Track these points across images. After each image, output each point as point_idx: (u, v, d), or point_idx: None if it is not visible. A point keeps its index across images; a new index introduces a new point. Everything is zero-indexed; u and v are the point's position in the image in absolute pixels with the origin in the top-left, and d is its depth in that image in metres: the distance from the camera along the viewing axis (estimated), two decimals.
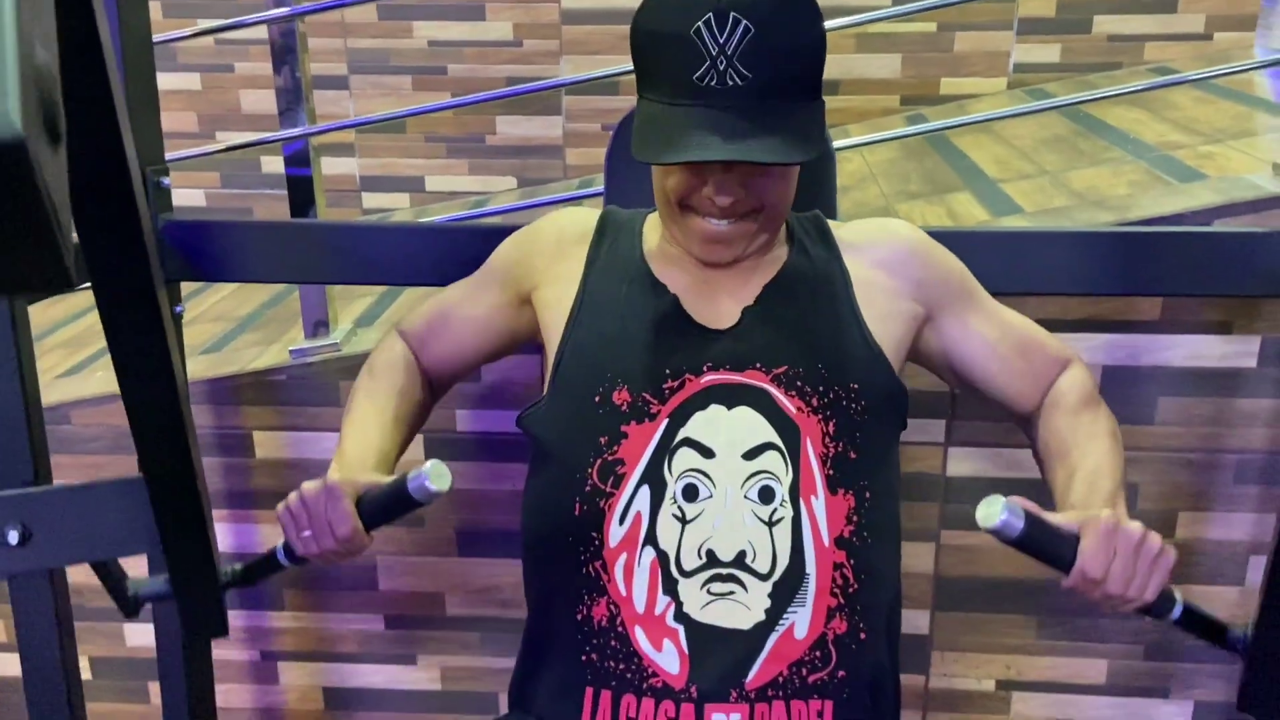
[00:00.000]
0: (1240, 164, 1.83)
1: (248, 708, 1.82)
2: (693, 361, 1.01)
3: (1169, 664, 1.67)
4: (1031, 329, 1.16)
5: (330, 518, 1.01)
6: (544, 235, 1.17)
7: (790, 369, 1.01)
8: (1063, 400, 1.12)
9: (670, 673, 0.94)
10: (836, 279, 1.08)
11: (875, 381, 1.03)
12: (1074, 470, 1.04)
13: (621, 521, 0.98)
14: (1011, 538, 0.89)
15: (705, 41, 0.93)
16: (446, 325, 1.21)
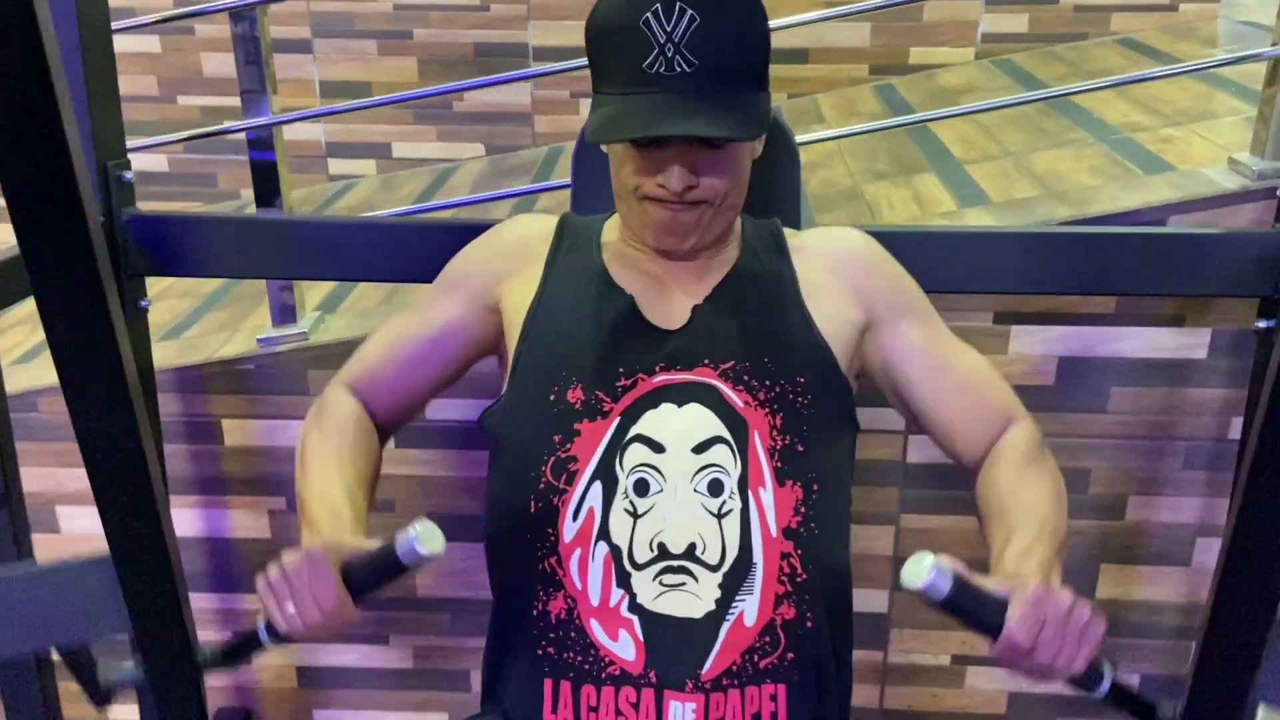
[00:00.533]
0: (1199, 150, 1.85)
1: (223, 686, 1.85)
2: (645, 361, 1.04)
3: (1116, 639, 1.73)
4: (980, 371, 1.13)
5: (314, 590, 0.92)
6: (505, 241, 1.18)
7: (737, 364, 1.04)
8: (1007, 455, 1.09)
9: (627, 660, 0.97)
10: (784, 278, 1.10)
11: (821, 375, 1.06)
12: (1012, 532, 1.00)
13: (575, 517, 1.00)
14: (937, 600, 0.85)
15: (654, 30, 0.98)
16: (395, 362, 1.17)
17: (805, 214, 1.37)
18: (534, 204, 2.33)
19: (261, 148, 1.63)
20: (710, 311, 1.07)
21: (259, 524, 1.73)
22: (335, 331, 1.64)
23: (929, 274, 1.35)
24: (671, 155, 1.01)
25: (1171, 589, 1.69)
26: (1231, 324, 1.52)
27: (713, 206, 1.05)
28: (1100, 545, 1.67)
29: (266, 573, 0.95)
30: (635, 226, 1.09)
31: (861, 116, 2.60)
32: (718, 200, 1.05)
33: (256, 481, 1.70)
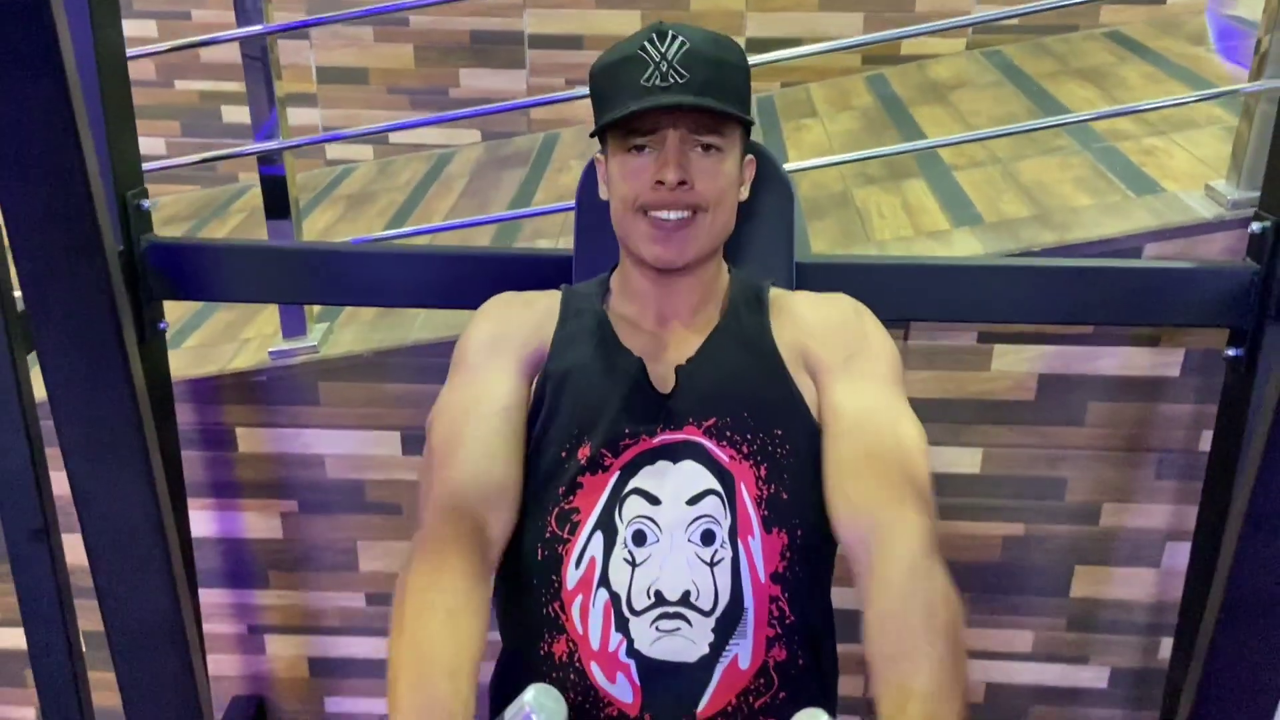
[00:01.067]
0: (1180, 163, 1.91)
1: (237, 675, 1.94)
2: (648, 424, 1.11)
3: (1089, 635, 1.83)
4: (908, 442, 1.08)
5: None
6: (518, 312, 1.22)
7: (718, 420, 1.10)
8: (893, 577, 0.93)
9: (625, 702, 1.04)
10: (763, 337, 1.17)
11: (796, 425, 1.12)
12: (908, 696, 0.85)
13: (578, 565, 1.07)
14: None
15: (649, 53, 1.09)
16: (487, 446, 1.09)
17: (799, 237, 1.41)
18: (519, 232, 2.37)
19: (271, 162, 1.68)
20: (692, 372, 1.13)
21: (271, 525, 1.80)
22: (345, 344, 1.69)
23: (917, 304, 1.43)
24: (666, 155, 1.09)
25: (1142, 589, 1.78)
26: (1204, 345, 1.59)
27: (706, 214, 1.12)
28: (1075, 549, 1.76)
29: None
30: (634, 243, 1.14)
31: (853, 111, 2.64)
32: (710, 204, 1.12)
33: (269, 486, 1.76)
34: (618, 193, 1.15)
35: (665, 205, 1.11)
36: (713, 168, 1.12)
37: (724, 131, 1.14)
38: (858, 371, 1.14)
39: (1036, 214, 1.74)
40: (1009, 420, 1.67)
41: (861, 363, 1.15)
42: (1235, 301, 1.39)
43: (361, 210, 2.56)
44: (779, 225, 1.37)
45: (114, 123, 1.40)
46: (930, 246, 1.69)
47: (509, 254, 1.48)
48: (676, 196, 1.10)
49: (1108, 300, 1.42)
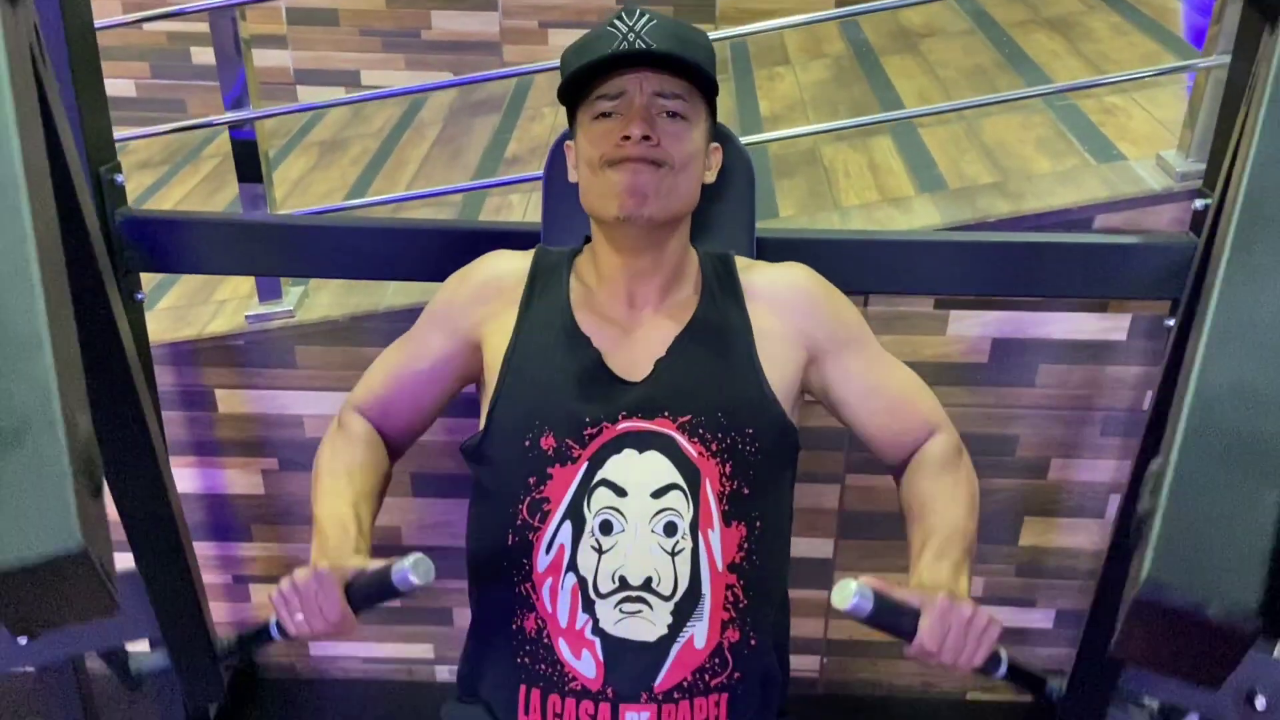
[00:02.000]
0: (1139, 124, 1.95)
1: (223, 622, 2.01)
2: (610, 410, 1.16)
3: (1035, 580, 1.93)
4: (908, 389, 1.27)
5: (321, 604, 1.06)
6: (482, 284, 1.27)
7: (694, 418, 1.16)
8: (925, 463, 1.24)
9: (588, 677, 1.12)
10: (738, 329, 1.22)
11: (768, 426, 1.19)
12: (928, 536, 1.16)
13: (548, 551, 1.14)
14: (860, 618, 1.00)
15: (618, 27, 1.16)
16: (401, 388, 1.30)
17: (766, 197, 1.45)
18: (482, 203, 2.38)
19: (241, 126, 1.69)
20: (670, 364, 1.18)
21: (253, 481, 1.86)
22: (320, 309, 1.73)
23: (875, 276, 1.48)
24: (633, 113, 1.15)
25: (1086, 538, 1.87)
26: (1150, 311, 1.66)
27: (671, 171, 1.16)
28: (1024, 501, 1.84)
29: (280, 586, 1.09)
30: (600, 201, 1.18)
31: (825, 60, 2.65)
32: (675, 163, 1.16)
33: (250, 444, 1.82)
34: (585, 157, 1.19)
35: (631, 159, 1.15)
36: (678, 131, 1.17)
37: (690, 100, 1.18)
38: (848, 346, 1.25)
39: (995, 181, 1.78)
40: (964, 382, 1.73)
41: (845, 335, 1.25)
42: (1177, 275, 1.45)
43: (334, 159, 2.57)
44: (740, 201, 1.41)
45: (85, 98, 1.41)
46: (891, 214, 1.74)
47: (480, 228, 1.51)
48: (643, 150, 1.14)
49: (1056, 273, 1.47)
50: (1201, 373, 0.55)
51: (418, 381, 1.29)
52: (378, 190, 2.31)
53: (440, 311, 1.29)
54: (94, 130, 1.43)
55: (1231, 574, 0.50)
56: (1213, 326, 0.56)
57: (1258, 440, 0.53)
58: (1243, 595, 0.49)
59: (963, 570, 1.12)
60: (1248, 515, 0.51)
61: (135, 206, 1.89)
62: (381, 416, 1.31)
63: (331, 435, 1.30)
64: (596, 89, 1.18)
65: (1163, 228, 1.62)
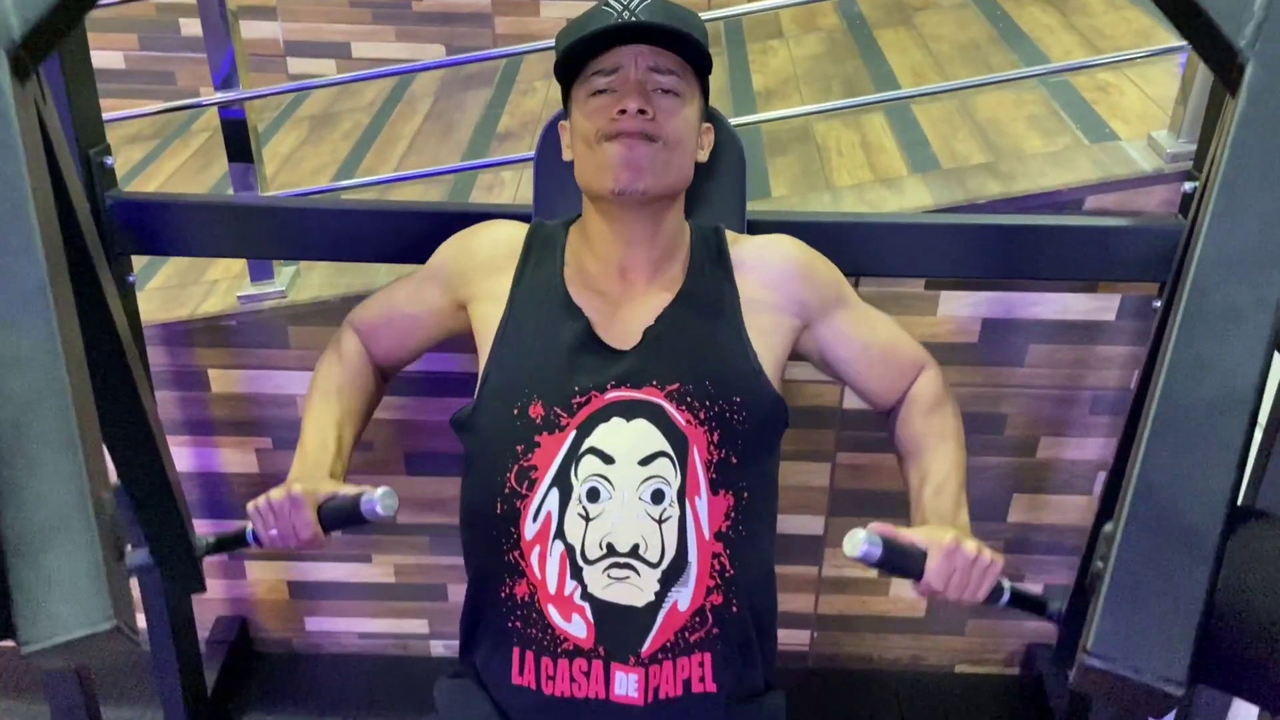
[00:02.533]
0: (1131, 102, 1.95)
1: (220, 598, 2.03)
2: (599, 379, 1.18)
3: (1024, 555, 1.95)
4: (894, 335, 1.33)
5: (294, 522, 1.18)
6: (478, 251, 1.30)
7: (682, 386, 1.18)
8: (916, 403, 1.31)
9: (580, 638, 1.14)
10: (727, 301, 1.23)
11: (756, 395, 1.21)
12: (925, 475, 1.26)
13: (535, 519, 1.16)
14: (871, 563, 1.08)
15: (612, 5, 1.19)
16: (391, 322, 1.38)
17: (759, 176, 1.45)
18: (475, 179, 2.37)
19: (229, 105, 1.68)
20: (659, 333, 1.20)
21: (247, 460, 1.87)
22: (313, 289, 1.73)
23: (865, 258, 1.48)
24: (628, 87, 1.17)
25: (1075, 514, 1.89)
26: (1139, 291, 1.67)
27: (666, 146, 1.17)
28: (1013, 478, 1.86)
29: (257, 501, 1.20)
30: (596, 175, 1.19)
31: (819, 33, 2.64)
32: (670, 139, 1.17)
33: (244, 424, 1.83)
34: (581, 133, 1.20)
35: (626, 133, 1.16)
36: (673, 107, 1.19)
37: (684, 78, 1.20)
38: (838, 307, 1.29)
39: (987, 161, 1.78)
40: (953, 361, 1.74)
41: (833, 297, 1.29)
42: (1165, 258, 1.45)
43: (325, 134, 2.56)
44: (731, 183, 1.41)
45: (73, 80, 1.40)
46: (883, 195, 1.74)
47: (472, 209, 1.51)
48: (638, 124, 1.16)
49: (1046, 256, 1.47)
50: (1147, 454, 0.60)
51: (407, 322, 1.36)
52: (369, 167, 2.30)
53: (438, 268, 1.33)
54: (83, 112, 1.42)
55: (1165, 643, 0.56)
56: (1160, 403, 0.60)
57: (1192, 517, 0.58)
58: (1173, 664, 0.56)
59: (961, 503, 1.22)
60: (1182, 587, 0.57)
61: (127, 182, 1.89)
62: (372, 340, 1.39)
63: (328, 352, 1.39)
64: (592, 65, 1.20)
65: (1153, 209, 1.62)
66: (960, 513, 1.21)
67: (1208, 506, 0.59)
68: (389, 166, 2.30)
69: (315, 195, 1.79)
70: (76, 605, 0.55)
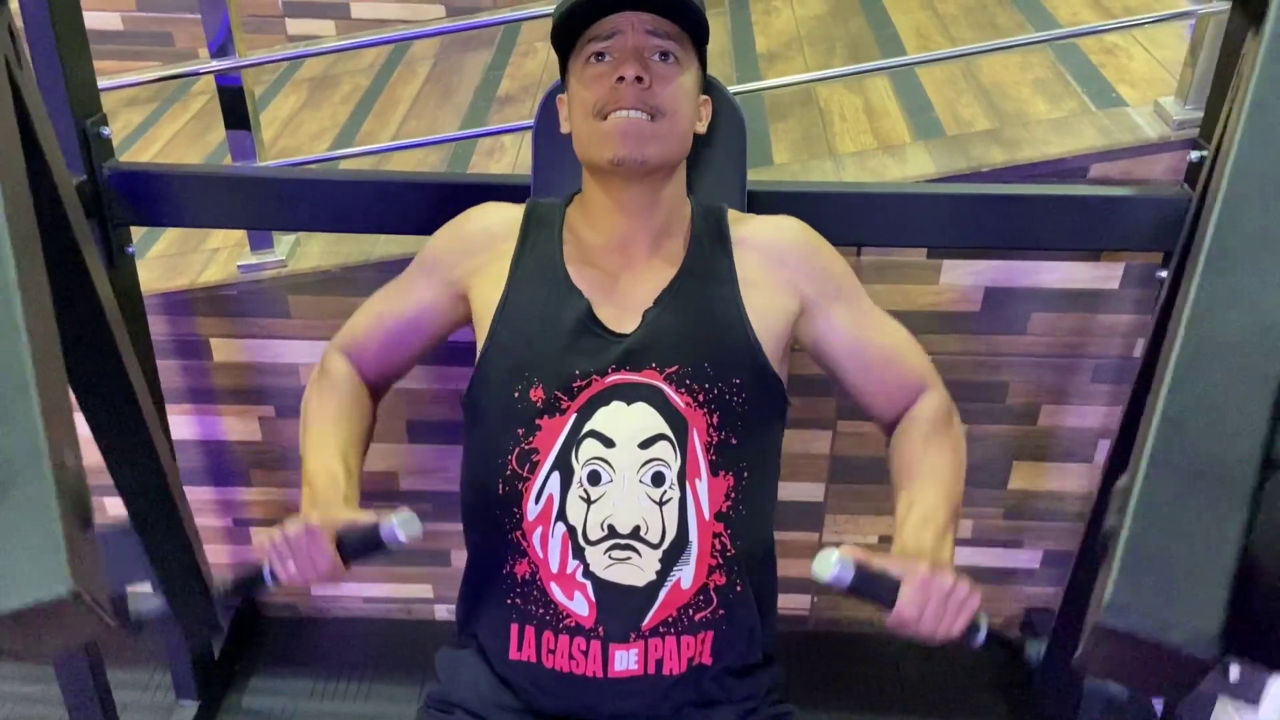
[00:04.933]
0: (1139, 66, 1.92)
1: (225, 563, 2.05)
2: (599, 362, 1.17)
3: (1023, 522, 1.96)
4: (898, 345, 1.28)
5: (312, 555, 1.11)
6: (472, 237, 1.28)
7: (681, 368, 1.17)
8: (916, 425, 1.25)
9: (581, 615, 1.15)
10: (726, 278, 1.22)
11: (754, 374, 1.20)
12: (914, 501, 1.19)
13: (537, 501, 1.16)
14: (841, 589, 1.02)
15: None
16: (383, 333, 1.32)
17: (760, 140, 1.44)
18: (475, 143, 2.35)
19: (226, 72, 1.67)
20: (658, 315, 1.19)
21: (250, 428, 1.87)
22: (313, 259, 1.73)
23: (867, 229, 1.48)
24: (625, 54, 1.16)
25: (1074, 481, 1.90)
26: (1143, 259, 1.65)
27: (665, 118, 1.17)
28: (1014, 446, 1.86)
29: (272, 536, 1.13)
30: (596, 147, 1.18)
31: None
32: (668, 109, 1.17)
33: (246, 392, 1.83)
34: (579, 102, 1.19)
35: (625, 104, 1.15)
36: (670, 74, 1.18)
37: (682, 45, 1.19)
38: (838, 299, 1.25)
39: (991, 128, 1.76)
40: (955, 330, 1.74)
41: (834, 288, 1.25)
42: (1170, 227, 1.44)
43: (325, 96, 2.54)
44: (731, 153, 1.40)
45: (67, 49, 1.38)
46: (886, 163, 1.72)
47: (471, 180, 1.51)
48: (636, 94, 1.15)
49: (1050, 226, 1.46)
50: (1170, 393, 0.54)
51: (399, 328, 1.31)
52: (369, 131, 2.29)
53: (429, 261, 1.30)
54: (78, 81, 1.41)
55: (1194, 600, 0.49)
56: (1185, 341, 0.55)
57: (1224, 461, 0.52)
58: (1204, 623, 0.48)
59: (947, 538, 1.14)
60: (1212, 538, 0.50)
61: (126, 147, 1.87)
62: (361, 359, 1.33)
63: (315, 381, 1.33)
64: (588, 33, 1.19)
65: (1158, 176, 1.61)
66: (944, 545, 1.13)
67: (1239, 450, 0.52)
68: (389, 130, 2.28)
69: (314, 165, 1.78)
70: (29, 568, 0.49)
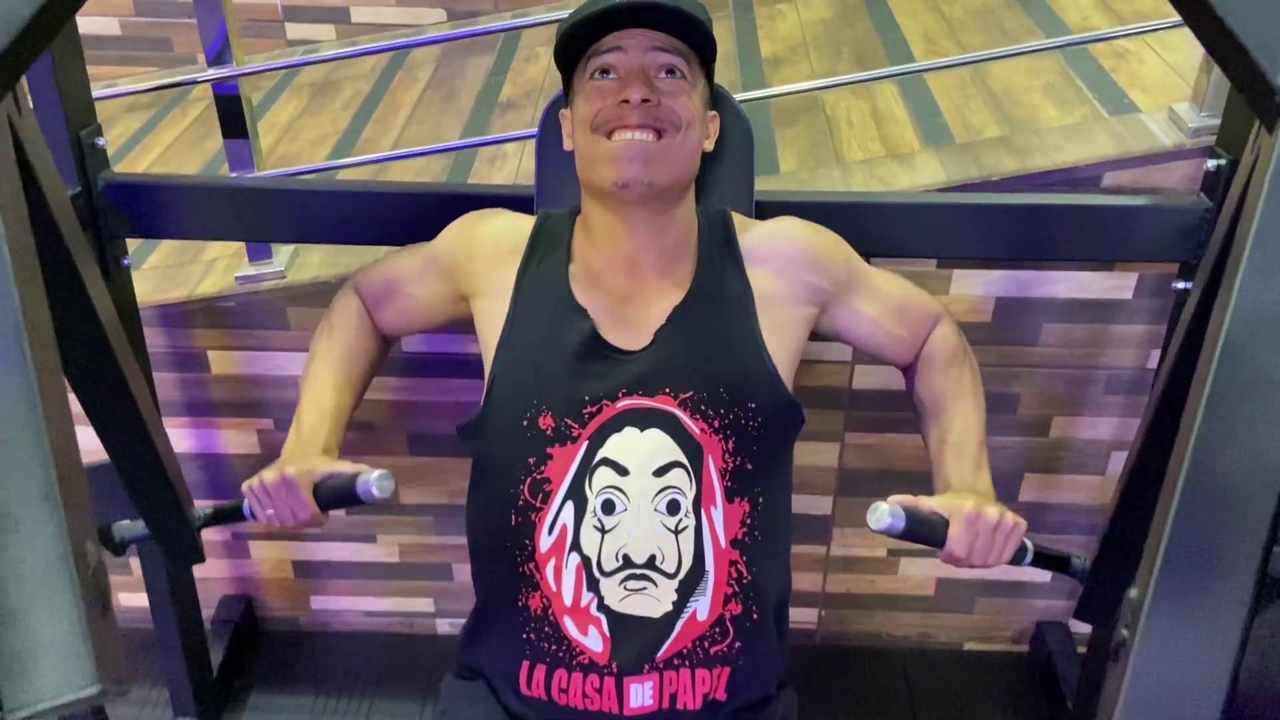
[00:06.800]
0: (1151, 70, 1.89)
1: (225, 577, 2.02)
2: (609, 388, 1.14)
3: (1034, 534, 1.90)
4: (905, 293, 1.31)
5: (290, 502, 1.17)
6: (481, 244, 1.26)
7: (695, 394, 1.14)
8: (934, 358, 1.30)
9: (595, 651, 1.12)
10: (740, 297, 1.19)
11: (771, 399, 1.17)
12: (945, 434, 1.25)
13: (550, 531, 1.13)
14: (895, 534, 1.09)
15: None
16: (396, 295, 1.35)
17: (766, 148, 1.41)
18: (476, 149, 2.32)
19: (224, 80, 1.64)
20: (671, 335, 1.16)
21: (248, 441, 1.85)
22: (312, 269, 1.70)
23: (876, 239, 1.45)
24: (631, 74, 1.13)
25: (1087, 494, 1.87)
26: (1157, 269, 1.62)
27: (674, 135, 1.13)
28: (1024, 458, 1.83)
29: (252, 483, 1.19)
30: (598, 168, 1.15)
31: (829, 2, 2.57)
32: (676, 125, 1.13)
33: (244, 405, 1.80)
34: (582, 118, 1.16)
35: (630, 124, 1.12)
36: (676, 90, 1.15)
37: (688, 61, 1.16)
38: (853, 286, 1.27)
39: (1002, 135, 1.73)
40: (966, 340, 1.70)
41: (847, 277, 1.26)
42: (1186, 237, 1.41)
43: (325, 102, 2.51)
44: (738, 165, 1.37)
45: (61, 61, 1.35)
46: (895, 170, 1.69)
47: (472, 191, 1.47)
48: (642, 114, 1.12)
49: (1063, 236, 1.43)
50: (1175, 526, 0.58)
51: (409, 302, 1.34)
52: (370, 137, 2.26)
53: (441, 254, 1.30)
54: (72, 92, 1.38)
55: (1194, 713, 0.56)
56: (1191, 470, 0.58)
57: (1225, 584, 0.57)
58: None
59: (982, 464, 1.23)
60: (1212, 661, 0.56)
61: (125, 153, 1.85)
62: (375, 307, 1.36)
63: (329, 316, 1.36)
64: (592, 49, 1.16)
65: (1173, 185, 1.58)
66: (981, 474, 1.21)
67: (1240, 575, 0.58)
68: (390, 136, 2.25)
69: (312, 175, 1.75)
70: (60, 671, 0.55)
